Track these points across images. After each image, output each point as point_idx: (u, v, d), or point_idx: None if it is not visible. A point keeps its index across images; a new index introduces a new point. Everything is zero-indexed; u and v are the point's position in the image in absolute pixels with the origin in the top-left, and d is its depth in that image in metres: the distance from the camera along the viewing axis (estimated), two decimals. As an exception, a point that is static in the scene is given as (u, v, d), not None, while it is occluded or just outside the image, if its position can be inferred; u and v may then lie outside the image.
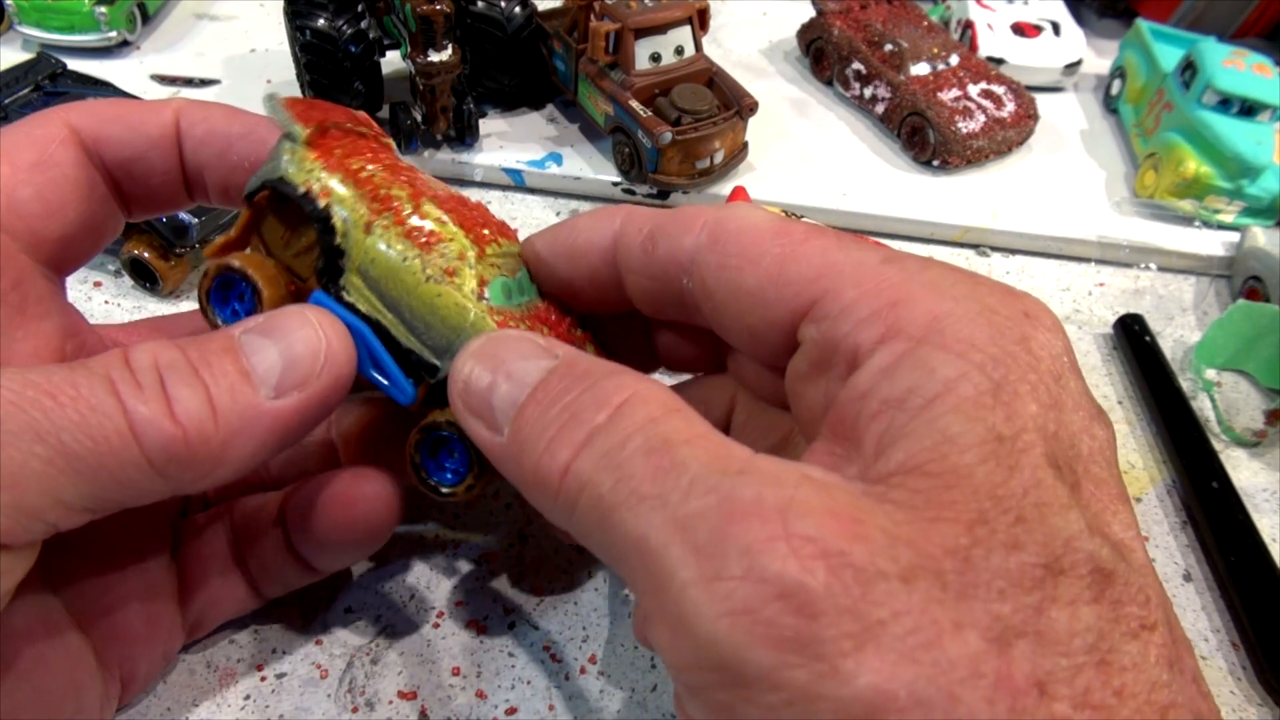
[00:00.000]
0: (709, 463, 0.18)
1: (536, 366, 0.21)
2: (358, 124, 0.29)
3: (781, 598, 0.16)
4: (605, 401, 0.19)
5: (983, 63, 0.58)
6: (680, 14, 0.49)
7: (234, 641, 0.31)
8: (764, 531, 0.16)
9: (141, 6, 0.58)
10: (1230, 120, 0.51)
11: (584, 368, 0.21)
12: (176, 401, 0.21)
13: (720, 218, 0.23)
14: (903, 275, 0.20)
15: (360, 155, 0.28)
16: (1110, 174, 0.56)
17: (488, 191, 0.51)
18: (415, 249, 0.26)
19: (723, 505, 0.17)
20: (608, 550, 0.19)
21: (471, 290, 0.26)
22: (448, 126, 0.49)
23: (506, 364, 0.22)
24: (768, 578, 0.16)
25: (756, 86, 0.51)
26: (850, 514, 0.17)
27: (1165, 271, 0.51)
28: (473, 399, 0.22)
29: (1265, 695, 0.32)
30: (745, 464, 0.18)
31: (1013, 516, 0.17)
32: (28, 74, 0.45)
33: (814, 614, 0.16)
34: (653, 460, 0.18)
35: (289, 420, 0.22)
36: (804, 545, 0.16)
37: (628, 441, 0.19)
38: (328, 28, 0.47)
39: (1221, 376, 0.43)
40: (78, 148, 0.25)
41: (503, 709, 0.30)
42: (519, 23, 0.51)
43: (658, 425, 0.19)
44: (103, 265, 0.44)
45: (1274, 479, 0.40)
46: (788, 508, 0.16)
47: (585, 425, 0.19)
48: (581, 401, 0.20)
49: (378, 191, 0.27)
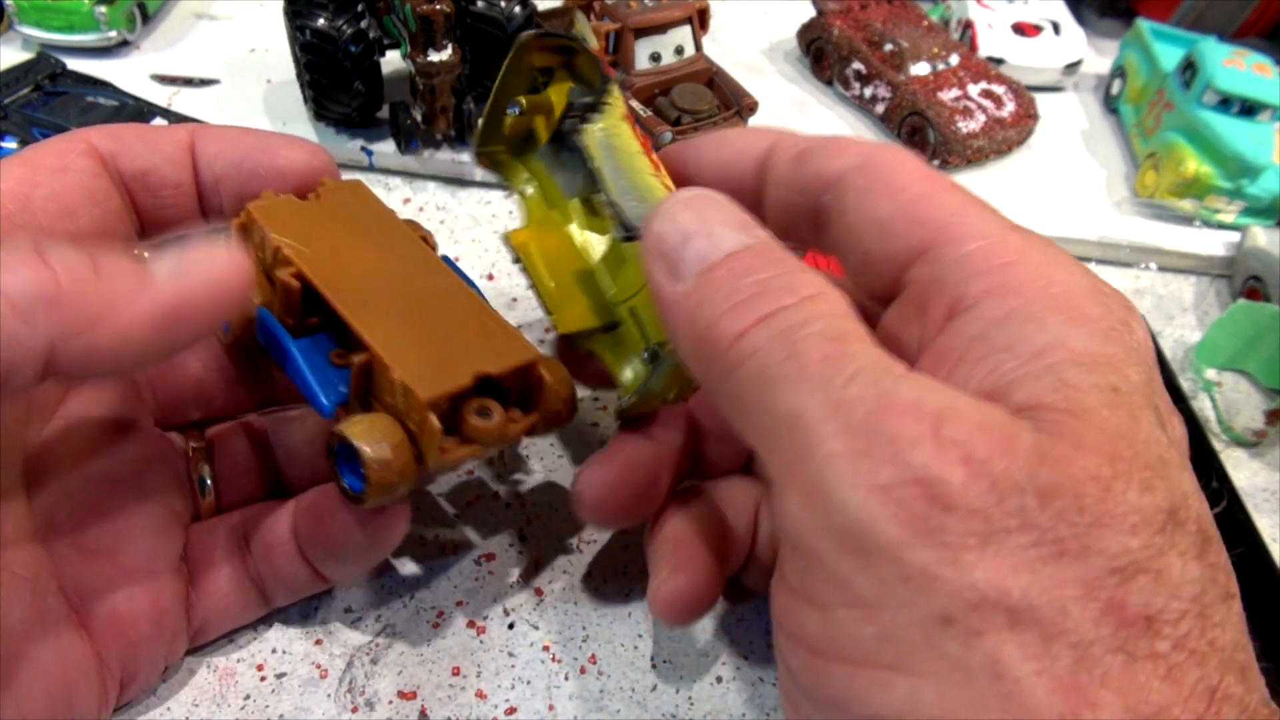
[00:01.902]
0: (876, 362, 0.19)
1: (736, 237, 0.21)
2: None
3: (920, 485, 0.17)
4: (796, 289, 0.20)
5: (983, 63, 0.58)
6: (680, 14, 0.49)
7: (234, 641, 0.31)
8: (916, 428, 0.17)
9: (141, 6, 0.58)
10: (1230, 120, 0.51)
11: (780, 255, 0.21)
12: (52, 254, 0.20)
13: (876, 149, 0.24)
14: (1024, 242, 0.21)
15: None
16: (1110, 174, 0.56)
17: (488, 191, 0.51)
18: (648, 160, 0.28)
19: (882, 398, 0.18)
20: (754, 419, 0.20)
21: None
22: (448, 126, 0.49)
23: (710, 223, 0.22)
24: (912, 465, 0.17)
25: (756, 86, 0.51)
26: (1002, 430, 0.18)
27: (1165, 271, 0.51)
28: (664, 243, 0.22)
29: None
30: (908, 372, 0.19)
31: (1142, 461, 0.18)
32: (28, 74, 0.45)
33: (947, 507, 0.17)
34: (827, 346, 0.19)
35: (177, 301, 0.21)
36: (951, 447, 0.17)
37: (807, 325, 0.19)
38: (328, 28, 0.46)
39: (1221, 376, 0.43)
40: (95, 158, 0.26)
41: (503, 709, 0.30)
42: (519, 23, 0.51)
43: (838, 320, 0.20)
44: (103, 265, 0.44)
45: (1274, 479, 0.40)
46: (942, 413, 0.18)
47: (772, 302, 0.20)
48: (774, 282, 0.20)
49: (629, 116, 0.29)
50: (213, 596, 0.29)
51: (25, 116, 0.42)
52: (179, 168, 0.27)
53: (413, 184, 0.51)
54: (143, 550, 0.27)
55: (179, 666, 0.30)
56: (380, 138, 0.51)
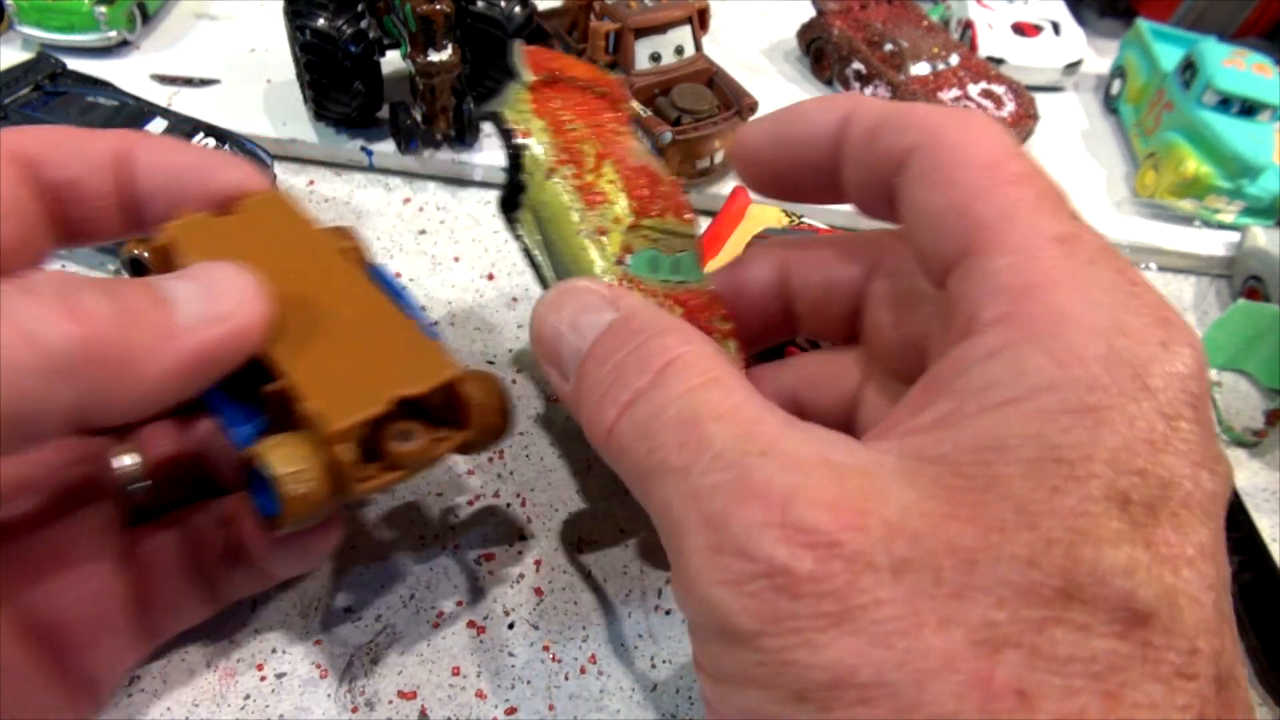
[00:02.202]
0: (734, 439, 0.19)
1: (598, 320, 0.22)
2: (594, 82, 0.32)
3: (768, 576, 0.17)
4: (648, 365, 0.20)
5: (983, 63, 0.58)
6: (680, 14, 0.49)
7: (234, 641, 0.31)
8: (763, 516, 0.17)
9: (141, 6, 0.58)
10: (1230, 120, 0.51)
11: (637, 324, 0.21)
12: (80, 305, 0.19)
13: (945, 124, 0.22)
14: (1060, 259, 0.19)
15: (575, 109, 0.31)
16: (1110, 174, 0.56)
17: (488, 191, 0.51)
18: (581, 203, 0.29)
19: (735, 484, 0.18)
20: (646, 509, 0.21)
21: (613, 253, 0.28)
22: (448, 126, 0.49)
23: (571, 315, 0.23)
24: (759, 558, 0.17)
25: (756, 86, 0.51)
26: (855, 504, 0.17)
27: (1165, 271, 0.51)
28: (545, 347, 0.23)
29: (1265, 695, 0.32)
30: (769, 444, 0.18)
31: (1039, 535, 0.17)
32: (28, 74, 0.45)
33: (796, 595, 0.17)
34: (682, 433, 0.19)
35: (205, 350, 0.21)
36: (796, 534, 0.17)
37: (662, 411, 0.20)
38: (328, 28, 0.46)
39: (1221, 376, 0.43)
40: (18, 165, 0.25)
41: (503, 709, 0.30)
42: (519, 23, 0.51)
43: (693, 396, 0.20)
44: (102, 265, 0.44)
45: (1274, 479, 0.40)
46: (791, 496, 0.17)
47: (629, 387, 0.20)
48: (627, 362, 0.21)
49: (572, 145, 0.30)
50: (159, 598, 0.27)
51: (25, 116, 0.42)
52: (104, 179, 0.26)
53: (413, 184, 0.51)
54: (72, 556, 0.26)
55: (179, 667, 0.30)
56: (380, 138, 0.51)
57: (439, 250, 0.47)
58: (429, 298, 0.44)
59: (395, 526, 0.35)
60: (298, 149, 0.51)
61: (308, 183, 0.50)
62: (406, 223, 0.48)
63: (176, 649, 0.30)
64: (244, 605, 0.32)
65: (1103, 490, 0.17)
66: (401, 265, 0.46)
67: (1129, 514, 0.17)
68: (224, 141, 0.44)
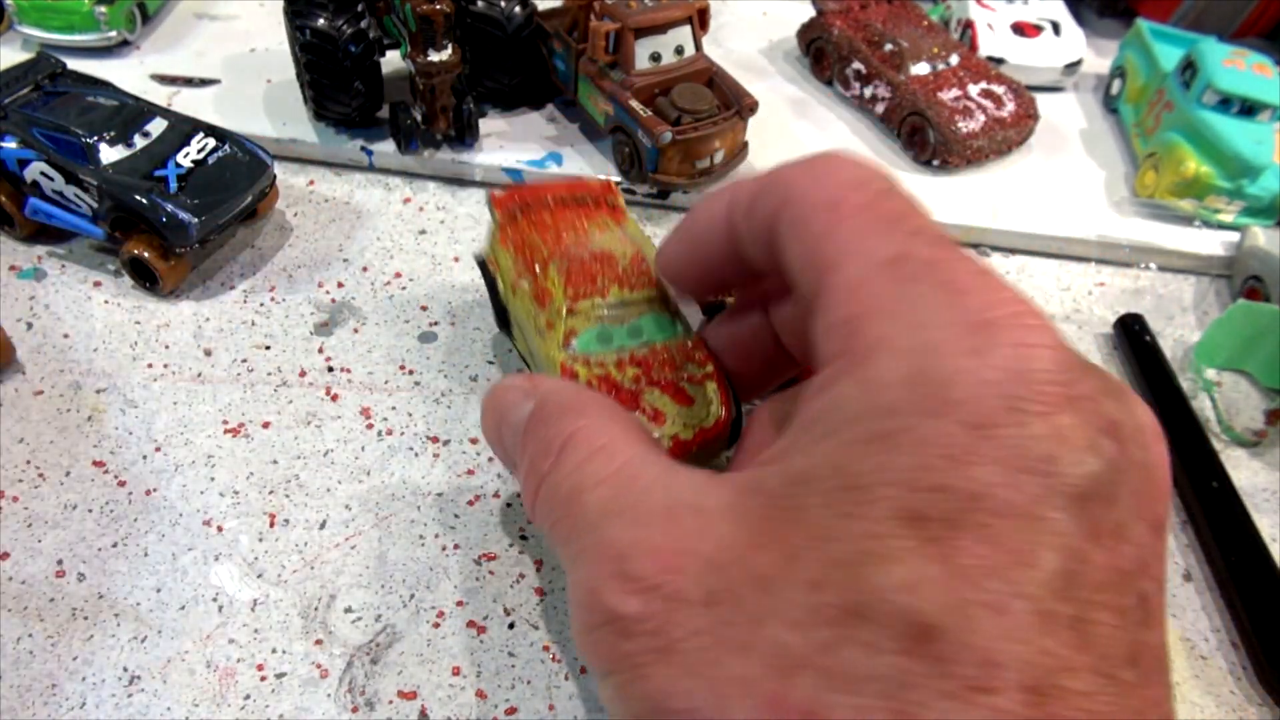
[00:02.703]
0: (602, 506, 0.21)
1: (524, 411, 0.25)
2: (573, 192, 0.37)
3: (608, 623, 0.19)
4: (549, 448, 0.23)
5: (983, 62, 0.58)
6: (680, 14, 0.49)
7: (234, 641, 0.31)
8: (606, 570, 0.20)
9: (141, 6, 0.58)
10: (1230, 120, 0.51)
11: (547, 409, 0.24)
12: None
13: (797, 176, 0.22)
14: (887, 283, 0.19)
15: (537, 227, 0.36)
16: (1110, 174, 0.56)
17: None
18: (537, 305, 0.33)
19: (593, 548, 0.21)
20: None
21: (558, 342, 0.32)
22: (448, 126, 0.49)
23: (505, 409, 0.25)
24: (600, 609, 0.20)
25: (756, 86, 0.51)
26: (678, 546, 0.19)
27: (1165, 271, 0.51)
28: (493, 446, 0.27)
29: (1265, 695, 0.32)
30: (630, 502, 0.21)
31: (827, 558, 0.17)
32: (28, 74, 0.45)
33: (628, 635, 0.19)
34: (567, 507, 0.22)
35: None
36: (628, 582, 0.19)
37: (558, 488, 0.22)
38: (328, 28, 0.47)
39: (1221, 376, 0.43)
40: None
41: (503, 709, 0.30)
42: (519, 23, 0.51)
43: (580, 471, 0.22)
44: (103, 265, 0.44)
45: (1274, 479, 0.40)
46: (627, 551, 0.20)
47: (538, 473, 0.23)
48: (537, 449, 0.23)
49: (531, 260, 0.35)
50: None
51: (25, 116, 0.42)
52: None
53: (413, 184, 0.51)
54: None
55: (179, 667, 0.30)
56: (380, 138, 0.51)
57: (439, 250, 0.47)
58: (429, 298, 0.44)
59: (395, 526, 0.35)
60: (298, 149, 0.51)
61: (308, 183, 0.50)
62: (406, 223, 0.48)
63: (177, 649, 0.31)
64: (244, 604, 0.32)
65: (891, 510, 0.17)
66: (401, 265, 0.46)
67: (922, 530, 0.17)
68: (224, 141, 0.44)
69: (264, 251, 0.46)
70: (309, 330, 0.42)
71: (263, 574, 0.33)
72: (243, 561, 0.33)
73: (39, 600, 0.32)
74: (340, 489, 0.36)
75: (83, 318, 0.42)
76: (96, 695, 0.29)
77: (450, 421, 0.38)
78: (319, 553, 0.34)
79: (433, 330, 0.42)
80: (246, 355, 0.41)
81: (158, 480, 0.36)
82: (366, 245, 0.47)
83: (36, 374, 0.39)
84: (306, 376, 0.40)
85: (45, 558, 0.33)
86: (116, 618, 0.31)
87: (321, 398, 0.39)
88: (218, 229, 0.42)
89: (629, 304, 0.33)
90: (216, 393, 0.39)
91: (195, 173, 0.42)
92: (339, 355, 0.41)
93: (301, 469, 0.36)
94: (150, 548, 0.33)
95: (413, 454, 0.37)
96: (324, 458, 0.37)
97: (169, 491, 0.35)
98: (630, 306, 0.33)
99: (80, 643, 0.31)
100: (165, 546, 0.33)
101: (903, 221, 0.20)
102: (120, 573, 0.33)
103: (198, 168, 0.43)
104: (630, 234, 0.37)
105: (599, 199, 0.38)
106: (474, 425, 0.38)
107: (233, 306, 0.43)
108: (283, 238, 0.47)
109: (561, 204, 0.37)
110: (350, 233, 0.47)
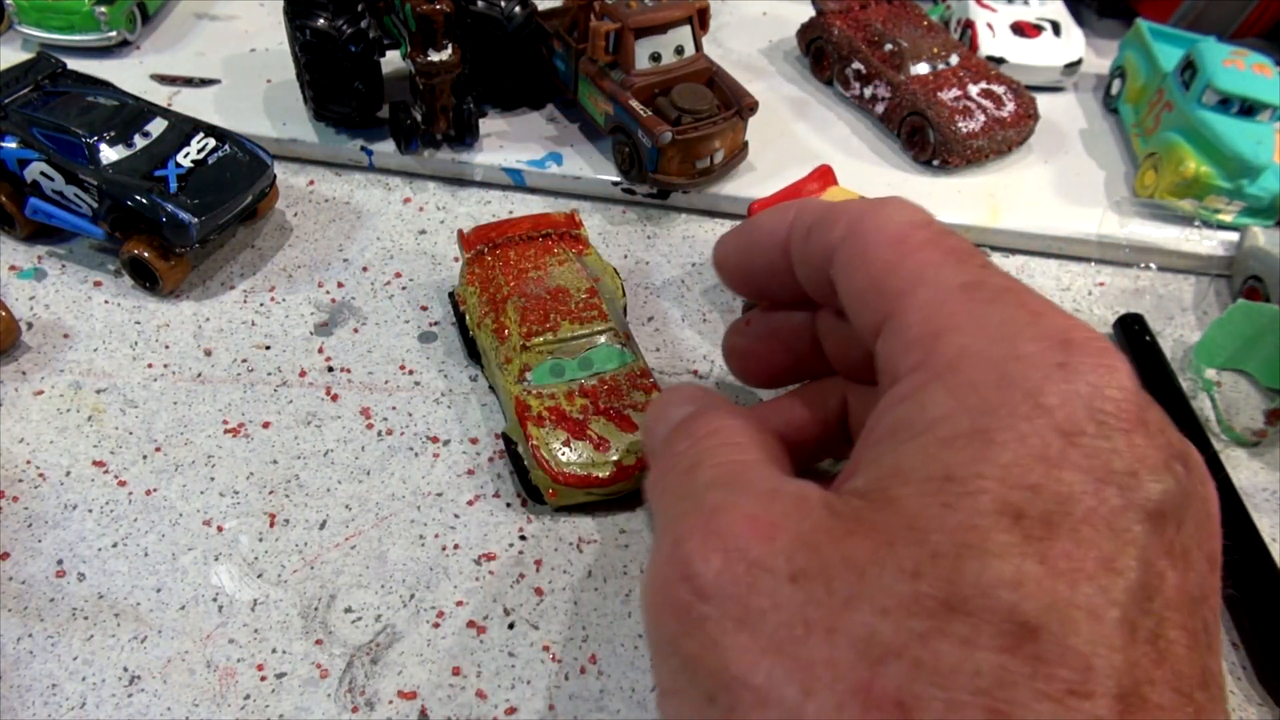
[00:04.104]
0: (712, 479, 0.22)
1: (683, 412, 0.26)
2: (537, 227, 0.41)
3: (685, 579, 0.19)
4: (692, 434, 0.25)
5: (983, 62, 0.58)
6: (680, 14, 0.49)
7: (234, 641, 0.31)
8: (693, 525, 0.20)
9: (141, 6, 0.58)
10: (1230, 120, 0.51)
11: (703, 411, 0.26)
12: None
13: (861, 214, 0.24)
14: (964, 304, 0.20)
15: (501, 263, 0.39)
16: (1110, 174, 0.56)
17: (488, 191, 0.51)
18: (496, 340, 0.37)
19: (689, 510, 0.21)
20: None
21: (514, 377, 0.36)
22: (448, 126, 0.49)
23: (665, 410, 0.27)
24: (680, 561, 0.19)
25: (756, 86, 0.51)
26: (769, 519, 0.19)
27: (1165, 271, 0.51)
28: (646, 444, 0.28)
29: (1265, 695, 0.32)
30: (738, 481, 0.21)
31: (926, 549, 0.17)
32: (28, 74, 0.45)
33: (705, 595, 0.19)
34: (683, 477, 0.23)
35: None
36: (713, 538, 0.19)
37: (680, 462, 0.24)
38: (328, 28, 0.46)
39: (1221, 376, 0.43)
40: None
41: (503, 709, 0.30)
42: (519, 23, 0.51)
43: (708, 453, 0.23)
44: (103, 265, 0.44)
45: (1274, 479, 0.40)
46: (719, 508, 0.20)
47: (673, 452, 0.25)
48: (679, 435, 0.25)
49: (492, 295, 0.38)
50: None
51: (25, 116, 0.42)
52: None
53: (413, 184, 0.51)
54: None
55: (179, 666, 0.30)
56: (380, 138, 0.51)
57: (439, 250, 0.47)
58: (429, 298, 0.44)
59: (395, 526, 0.35)
60: (298, 149, 0.51)
61: (308, 183, 0.50)
62: (406, 223, 0.48)
63: (177, 649, 0.31)
64: (244, 604, 0.32)
65: (993, 505, 0.17)
66: (401, 265, 0.46)
67: (1021, 528, 0.17)
68: (224, 141, 0.44)
69: (264, 251, 0.46)
70: (309, 330, 0.42)
71: (263, 574, 0.33)
72: (243, 561, 0.33)
73: (39, 600, 0.32)
74: (340, 489, 0.36)
75: (83, 318, 0.42)
76: (96, 695, 0.29)
77: (450, 421, 0.38)
78: (319, 553, 0.34)
79: (433, 330, 0.42)
80: (246, 355, 0.41)
81: (158, 480, 0.36)
82: (366, 245, 0.47)
83: (36, 374, 0.39)
84: (306, 376, 0.40)
85: (45, 558, 0.33)
86: (116, 618, 0.31)
87: (321, 398, 0.39)
88: (218, 229, 0.42)
89: (580, 338, 0.36)
90: (216, 393, 0.39)
91: (195, 173, 0.42)
92: (339, 355, 0.41)
93: (301, 469, 0.36)
94: (150, 548, 0.33)
95: (413, 454, 0.37)
96: (324, 458, 0.37)
97: (169, 491, 0.35)
98: (581, 340, 0.36)
99: (80, 643, 0.31)
100: (165, 546, 0.33)
101: (972, 256, 0.22)
102: (120, 573, 0.33)
103: (198, 168, 0.43)
104: (590, 265, 0.40)
105: (563, 232, 0.41)
106: (474, 425, 0.38)
107: (233, 306, 0.43)
108: (283, 238, 0.47)
109: (525, 240, 0.40)
110: (350, 233, 0.47)
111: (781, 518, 0.19)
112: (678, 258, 0.48)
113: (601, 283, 0.39)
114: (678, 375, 0.41)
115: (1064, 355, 0.19)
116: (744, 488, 0.21)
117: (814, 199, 0.27)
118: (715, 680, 0.18)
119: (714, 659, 0.18)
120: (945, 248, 0.22)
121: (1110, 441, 0.18)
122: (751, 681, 0.17)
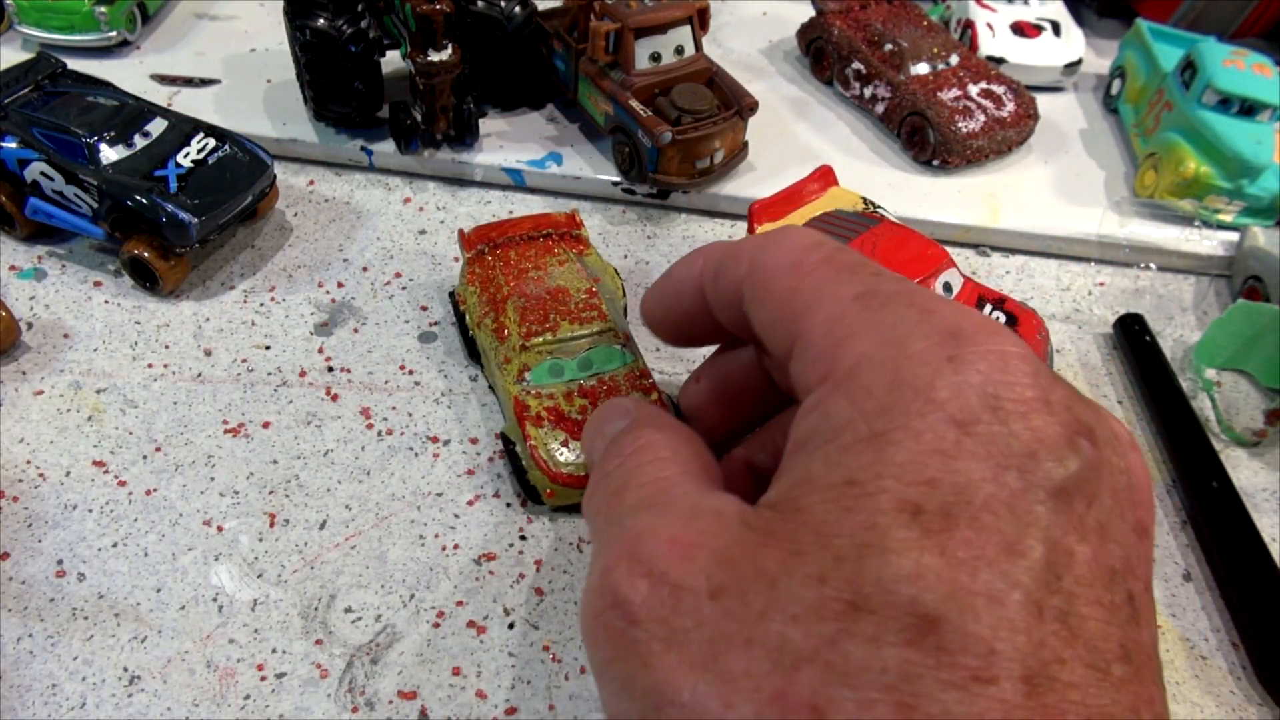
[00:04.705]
0: (638, 501, 0.23)
1: (619, 426, 0.27)
2: (537, 227, 0.41)
3: (615, 606, 0.20)
4: (622, 451, 0.25)
5: (983, 62, 0.58)
6: (680, 14, 0.49)
7: (234, 641, 0.31)
8: (619, 552, 0.20)
9: (141, 6, 0.58)
10: (1230, 120, 0.51)
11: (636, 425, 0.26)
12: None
13: (760, 247, 0.24)
14: (859, 313, 0.21)
15: (501, 264, 0.39)
16: (1110, 174, 0.56)
17: (488, 191, 0.51)
18: (496, 340, 0.37)
19: (616, 536, 0.21)
20: None
21: (513, 377, 0.36)
22: (448, 126, 0.49)
23: (602, 424, 0.27)
24: (609, 589, 0.20)
25: (756, 86, 0.51)
26: (688, 539, 0.20)
27: (1165, 271, 0.51)
28: (587, 456, 0.28)
29: (1265, 695, 0.32)
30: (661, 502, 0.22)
31: (829, 553, 0.17)
32: (27, 74, 0.45)
33: (634, 620, 0.19)
34: (611, 500, 0.24)
35: None
36: (637, 565, 0.20)
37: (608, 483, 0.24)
38: (328, 28, 0.46)
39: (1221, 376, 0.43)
40: None
41: (503, 709, 0.30)
42: (519, 23, 0.51)
43: (634, 471, 0.24)
44: (103, 265, 0.44)
45: (1274, 479, 0.40)
46: (642, 534, 0.20)
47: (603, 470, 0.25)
48: (612, 452, 0.25)
49: (492, 296, 0.38)
50: None
51: (25, 116, 0.42)
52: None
53: (413, 184, 0.51)
54: None
55: (179, 666, 0.30)
56: (380, 138, 0.51)
57: (439, 250, 0.47)
58: (429, 298, 0.44)
59: (395, 526, 0.35)
60: (298, 149, 0.51)
61: (308, 183, 0.50)
62: (406, 223, 0.48)
63: (177, 649, 0.31)
64: (244, 604, 0.32)
65: (891, 503, 0.17)
66: (401, 265, 0.46)
67: (920, 522, 0.17)
68: (224, 141, 0.44)
69: (264, 251, 0.46)
70: (309, 330, 0.42)
71: (263, 574, 0.33)
72: (243, 561, 0.33)
73: (39, 600, 0.32)
74: (340, 489, 0.36)
75: (83, 318, 0.42)
76: (96, 695, 0.29)
77: (450, 421, 0.38)
78: (319, 553, 0.34)
79: (433, 330, 0.42)
80: (246, 355, 0.41)
81: (158, 480, 0.36)
82: (366, 245, 0.47)
83: (36, 374, 0.39)
84: (306, 376, 0.40)
85: (45, 558, 0.33)
86: (116, 618, 0.31)
87: (321, 398, 0.39)
88: (218, 229, 0.42)
89: (579, 338, 0.36)
90: (216, 393, 0.39)
91: (195, 173, 0.42)
92: (339, 355, 0.41)
93: (301, 469, 0.36)
94: (150, 548, 0.33)
95: (413, 454, 0.37)
96: (324, 458, 0.37)
97: (169, 491, 0.35)
98: (581, 340, 0.36)
99: (80, 643, 0.31)
100: (165, 546, 0.33)
101: (864, 267, 0.23)
102: (120, 573, 0.33)
103: (198, 168, 0.43)
104: (590, 265, 0.40)
105: (563, 232, 0.41)
106: (474, 425, 0.38)
107: (233, 306, 0.43)
108: (283, 238, 0.47)
109: (526, 240, 0.40)
110: (350, 233, 0.47)
111: (700, 536, 0.20)
112: (678, 258, 0.48)
113: (601, 283, 0.39)
114: (677, 375, 0.41)
115: (953, 348, 0.19)
116: (666, 509, 0.22)
117: (719, 242, 0.27)
118: (648, 700, 0.19)
119: (646, 680, 0.19)
120: (838, 265, 0.23)
121: (1007, 426, 0.18)
122: (679, 699, 0.18)
